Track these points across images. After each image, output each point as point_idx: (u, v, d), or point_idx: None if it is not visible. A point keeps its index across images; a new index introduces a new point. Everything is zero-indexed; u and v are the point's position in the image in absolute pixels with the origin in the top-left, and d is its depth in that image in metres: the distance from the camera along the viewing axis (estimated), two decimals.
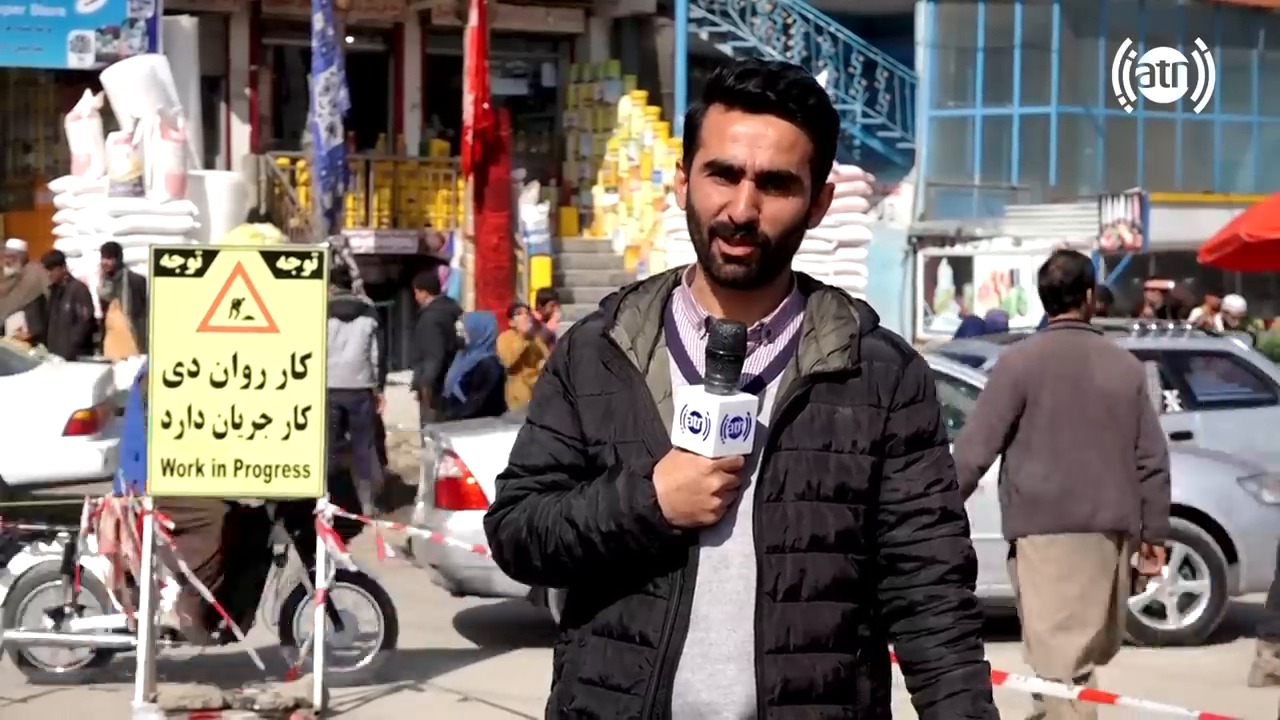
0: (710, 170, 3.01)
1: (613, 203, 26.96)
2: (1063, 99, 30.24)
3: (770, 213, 2.99)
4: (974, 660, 3.07)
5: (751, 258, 2.99)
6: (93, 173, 21.86)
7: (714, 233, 3.00)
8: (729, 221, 2.98)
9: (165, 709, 9.18)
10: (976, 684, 3.06)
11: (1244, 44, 31.05)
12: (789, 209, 3.01)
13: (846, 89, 30.26)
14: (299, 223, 23.79)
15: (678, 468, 2.96)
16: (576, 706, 3.07)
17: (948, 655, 3.05)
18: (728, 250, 3.00)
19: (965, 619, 3.07)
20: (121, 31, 23.26)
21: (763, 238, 2.99)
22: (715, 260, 3.01)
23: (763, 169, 2.98)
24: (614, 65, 28.54)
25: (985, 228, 29.09)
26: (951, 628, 3.06)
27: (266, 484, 9.30)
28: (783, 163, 2.99)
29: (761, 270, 3.01)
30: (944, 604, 3.06)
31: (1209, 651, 11.22)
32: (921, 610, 3.06)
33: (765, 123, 2.99)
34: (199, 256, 9.27)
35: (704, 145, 3.03)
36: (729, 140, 2.99)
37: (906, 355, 3.12)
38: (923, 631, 3.06)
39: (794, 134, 2.99)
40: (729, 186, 2.99)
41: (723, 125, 3.01)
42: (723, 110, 3.02)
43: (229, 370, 9.20)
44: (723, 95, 3.02)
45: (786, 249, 3.03)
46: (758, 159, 2.98)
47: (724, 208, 2.99)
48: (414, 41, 28.08)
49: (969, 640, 3.07)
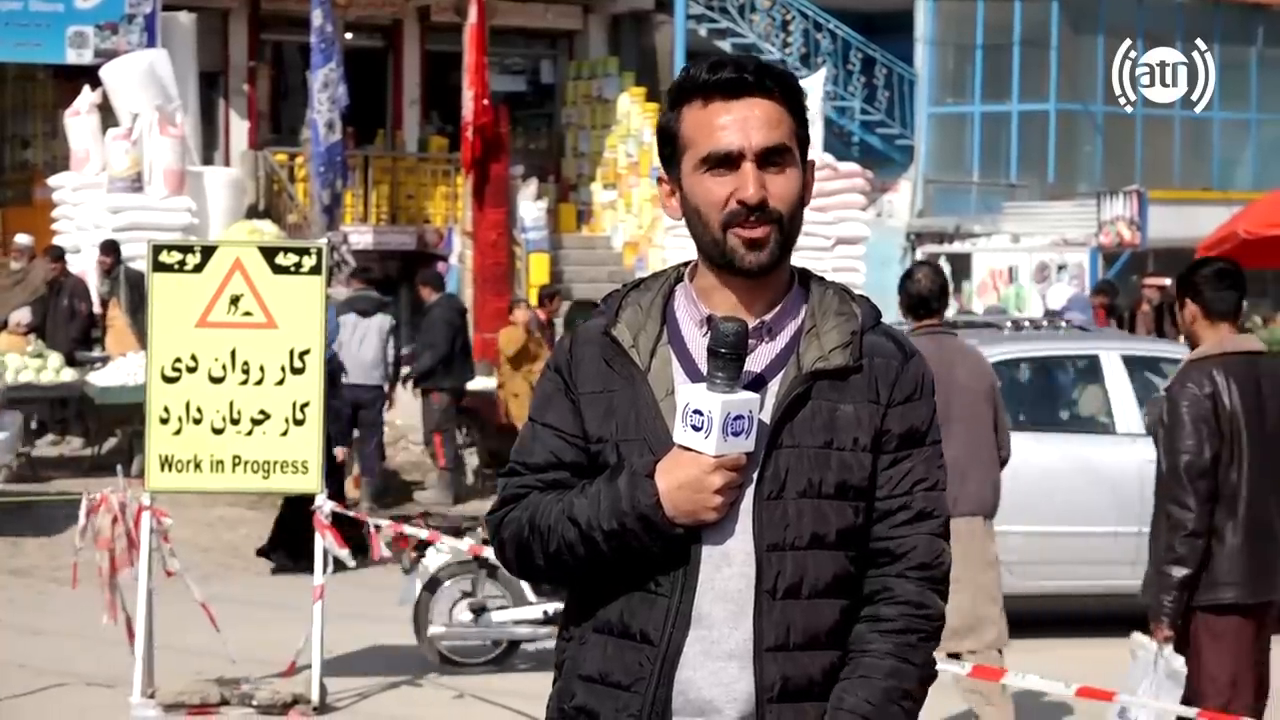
0: (707, 165, 3.02)
1: (611, 199, 26.95)
2: (1061, 96, 30.23)
3: (776, 189, 3.01)
4: (907, 659, 3.01)
5: (770, 237, 3.00)
6: (91, 169, 21.84)
7: (727, 224, 3.01)
8: (741, 206, 2.99)
9: (163, 705, 9.19)
10: (896, 678, 2.99)
11: (1243, 41, 31.03)
12: (791, 183, 3.03)
13: (845, 86, 30.26)
14: (297, 219, 23.78)
15: (680, 466, 2.96)
16: (576, 704, 3.07)
17: (880, 644, 3.01)
18: (748, 235, 3.00)
19: (914, 616, 3.03)
20: (120, 27, 23.25)
21: (776, 215, 3.01)
22: (736, 252, 3.01)
23: (761, 146, 3.00)
24: (613, 62, 28.53)
25: (984, 225, 29.09)
26: (895, 619, 3.03)
27: (265, 480, 9.31)
28: (777, 137, 3.02)
29: (781, 251, 3.03)
30: (896, 597, 3.04)
31: None
32: (875, 600, 3.04)
33: (749, 104, 3.02)
34: (197, 252, 9.27)
35: (691, 145, 3.04)
36: (719, 130, 3.01)
37: (908, 353, 3.12)
38: (868, 618, 3.04)
39: (777, 110, 3.03)
40: (730, 174, 3.00)
41: (707, 119, 3.02)
42: (701, 106, 3.03)
43: (228, 366, 9.20)
44: (697, 92, 3.04)
45: (796, 226, 3.05)
46: (753, 139, 3.00)
47: (731, 195, 3.00)
48: (413, 38, 28.07)
49: (910, 637, 3.02)
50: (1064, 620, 11.63)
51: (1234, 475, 6.62)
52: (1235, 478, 6.62)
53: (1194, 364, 6.76)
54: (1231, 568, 6.61)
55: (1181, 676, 6.61)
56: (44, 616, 11.69)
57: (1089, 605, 11.83)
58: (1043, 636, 10.76)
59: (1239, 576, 6.62)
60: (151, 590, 9.29)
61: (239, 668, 9.70)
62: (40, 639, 11.06)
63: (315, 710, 9.18)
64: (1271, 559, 6.69)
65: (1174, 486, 6.60)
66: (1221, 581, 6.62)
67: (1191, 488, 6.56)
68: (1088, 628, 11.37)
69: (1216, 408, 6.60)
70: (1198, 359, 6.76)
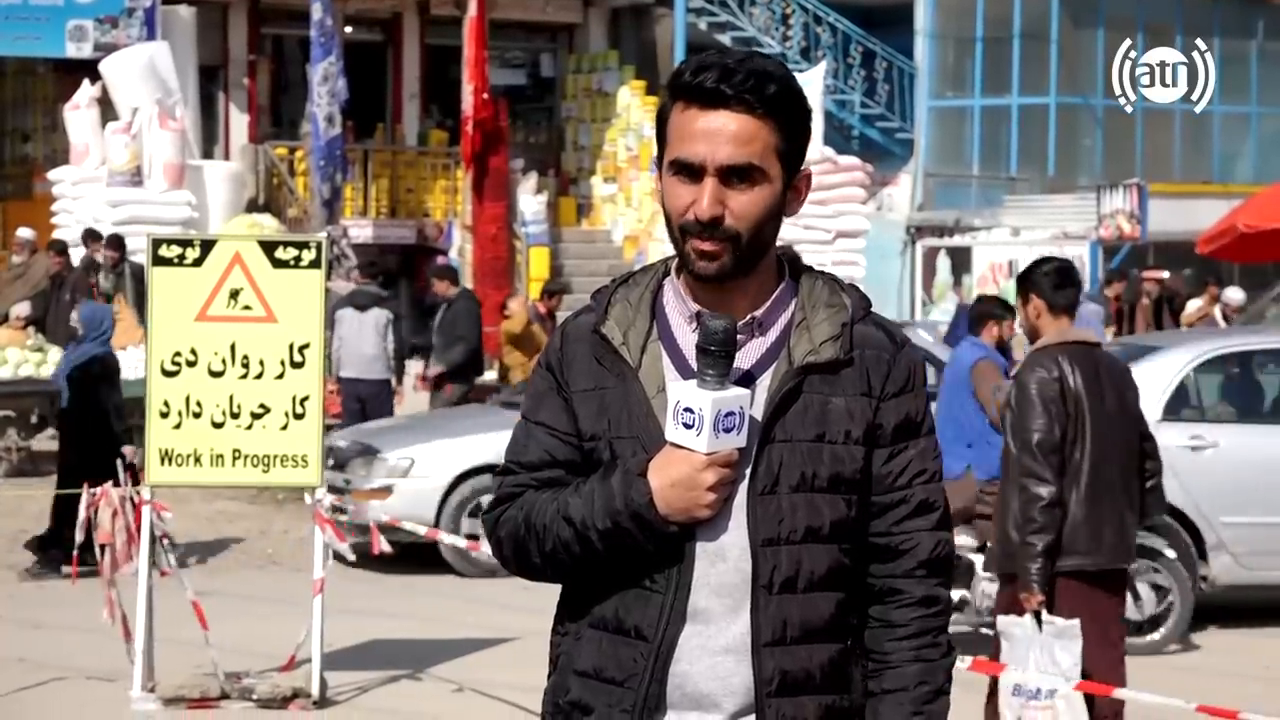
0: (674, 169, 3.00)
1: (611, 193, 26.96)
2: (1061, 89, 30.21)
3: (737, 207, 2.97)
4: (927, 658, 3.07)
5: (722, 253, 2.98)
6: (91, 162, 21.86)
7: (684, 231, 2.99)
8: (694, 220, 2.97)
9: (163, 699, 9.19)
10: (925, 681, 3.06)
11: (1243, 35, 31.01)
12: (756, 201, 2.98)
13: (845, 79, 30.25)
14: (297, 213, 23.79)
15: (672, 464, 2.96)
16: (571, 699, 3.08)
17: (901, 649, 3.06)
18: (699, 247, 2.98)
19: (926, 616, 3.07)
20: (120, 21, 23.26)
21: (732, 232, 2.97)
22: (689, 258, 3.00)
23: (723, 164, 2.95)
24: (613, 55, 28.53)
25: (984, 218, 29.07)
26: (909, 623, 3.06)
27: (265, 474, 9.31)
28: (744, 155, 2.95)
29: (736, 264, 2.99)
30: (906, 598, 3.07)
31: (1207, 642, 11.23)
32: (885, 602, 3.08)
33: (723, 117, 2.95)
34: (197, 246, 9.27)
35: (669, 144, 3.02)
36: (688, 138, 2.97)
37: (899, 343, 3.11)
38: (883, 623, 3.08)
39: (754, 126, 2.96)
40: (693, 185, 2.97)
41: (683, 124, 2.99)
42: (682, 108, 2.99)
43: (227, 360, 9.20)
44: (682, 92, 2.99)
45: (760, 241, 3.01)
46: (717, 155, 2.95)
47: (690, 206, 2.97)
48: (412, 31, 28.06)
49: (926, 637, 3.07)
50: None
51: (1078, 452, 7.17)
52: (1079, 455, 7.17)
53: (1040, 352, 7.34)
54: (1077, 537, 7.13)
55: (1074, 629, 7.03)
56: (44, 611, 11.70)
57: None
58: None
59: (1085, 545, 7.13)
60: (152, 584, 9.29)
61: (239, 661, 9.70)
62: (40, 633, 11.06)
63: (315, 704, 9.18)
64: (1116, 529, 7.22)
65: (1028, 463, 7.10)
66: (1071, 550, 7.13)
67: (1045, 461, 7.10)
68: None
69: (1063, 390, 7.16)
70: (1042, 348, 7.32)
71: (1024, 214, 28.82)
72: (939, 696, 3.07)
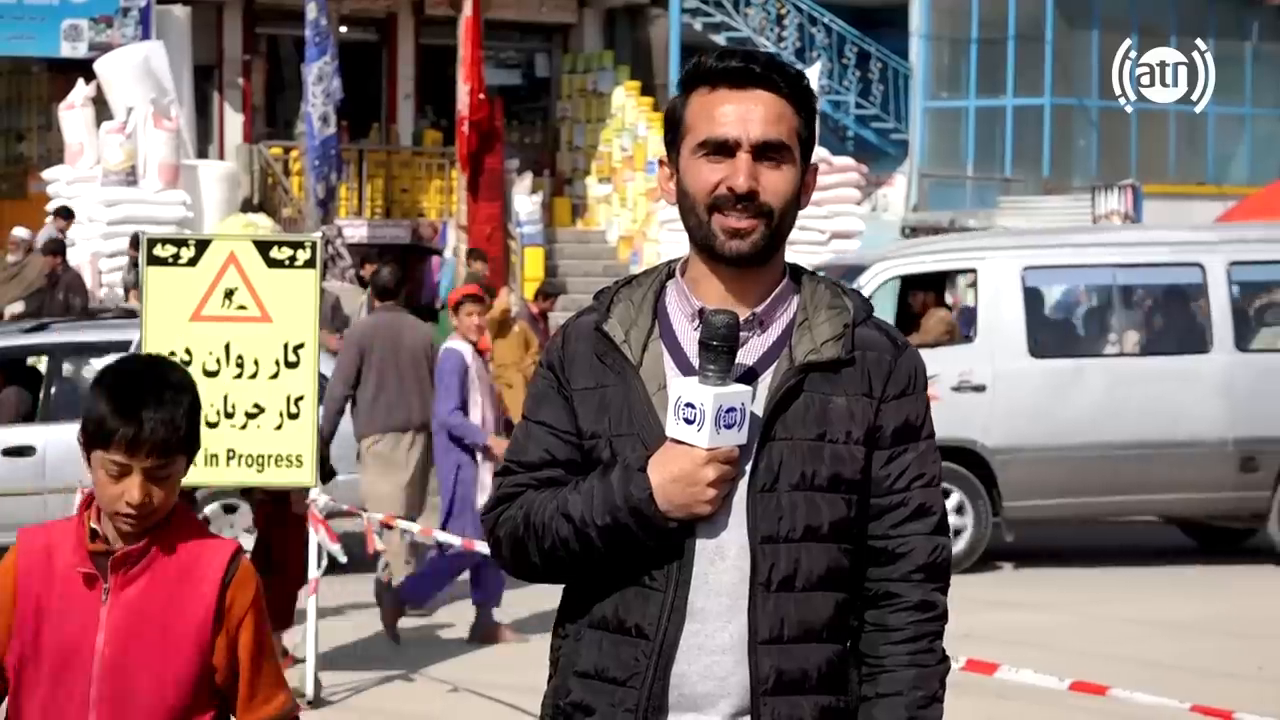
0: (704, 150, 3.02)
1: (606, 193, 26.95)
2: (1056, 90, 30.23)
3: (769, 184, 3.01)
4: (923, 663, 3.06)
5: (755, 230, 3.01)
6: (85, 162, 21.83)
7: (713, 208, 3.01)
8: (729, 193, 2.99)
9: None
10: (919, 686, 3.05)
11: (1237, 36, 31.02)
12: (786, 179, 3.04)
13: (840, 80, 30.25)
14: (292, 212, 23.77)
15: (673, 459, 2.96)
16: (572, 700, 3.07)
17: (896, 654, 3.05)
18: (731, 224, 3.00)
19: (922, 621, 3.07)
20: (115, 20, 23.24)
21: (766, 208, 3.01)
22: (717, 237, 3.01)
23: (758, 139, 3.01)
24: (608, 56, 28.52)
25: (978, 219, 29.06)
26: (904, 628, 3.06)
27: (259, 474, 9.30)
28: (775, 133, 3.02)
29: (765, 245, 3.02)
30: (902, 603, 3.06)
31: (1201, 642, 11.24)
32: (881, 606, 3.07)
33: (753, 97, 3.02)
34: (192, 246, 9.26)
35: (691, 130, 3.05)
36: (720, 117, 3.02)
37: (900, 346, 3.12)
38: (878, 627, 3.07)
39: (781, 106, 3.04)
40: (725, 162, 3.01)
41: (710, 105, 3.03)
42: (707, 93, 3.04)
43: (222, 360, 9.18)
44: (706, 78, 3.05)
45: (786, 224, 3.05)
46: (752, 131, 3.01)
47: (722, 182, 3.00)
48: (407, 31, 28.05)
49: (921, 642, 3.06)
50: None
51: None
52: None
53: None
54: None
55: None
56: None
57: None
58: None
59: None
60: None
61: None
62: None
63: (309, 704, 9.18)
64: None
65: None
66: None
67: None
68: None
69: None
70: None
71: (1019, 215, 28.81)
72: (933, 703, 3.06)
